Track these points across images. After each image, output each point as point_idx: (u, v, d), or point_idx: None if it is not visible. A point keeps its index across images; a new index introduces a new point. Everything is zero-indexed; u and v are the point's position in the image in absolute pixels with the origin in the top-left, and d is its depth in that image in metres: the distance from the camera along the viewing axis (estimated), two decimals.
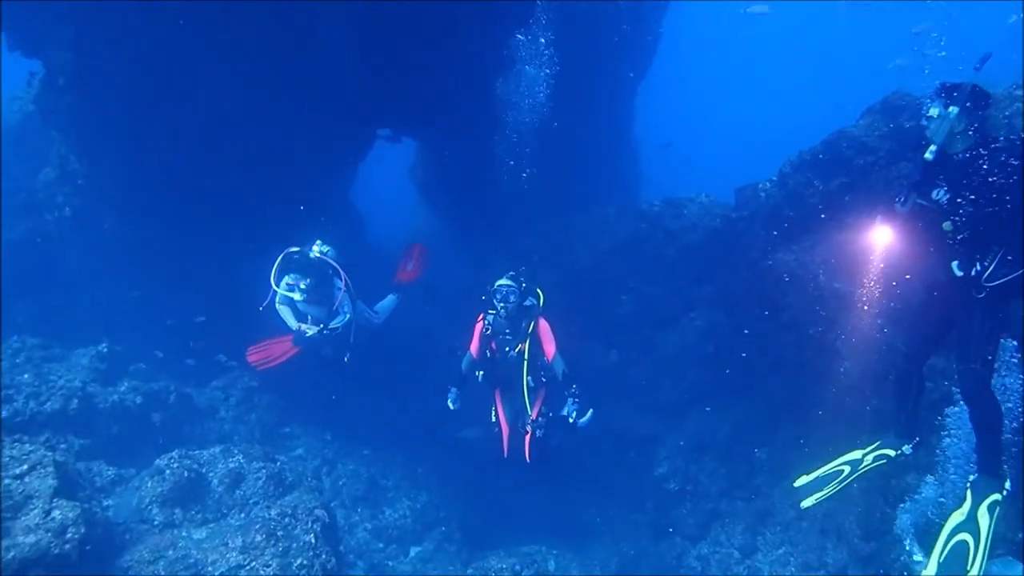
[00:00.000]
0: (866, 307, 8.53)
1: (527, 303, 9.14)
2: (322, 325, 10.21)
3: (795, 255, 10.72)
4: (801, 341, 10.44)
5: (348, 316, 10.35)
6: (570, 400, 8.89)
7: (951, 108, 5.68)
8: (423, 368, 13.18)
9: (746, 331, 11.49)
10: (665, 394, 12.74)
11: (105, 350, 12.42)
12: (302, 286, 9.91)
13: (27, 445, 8.48)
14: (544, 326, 9.17)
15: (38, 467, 8.21)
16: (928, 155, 5.71)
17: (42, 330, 13.33)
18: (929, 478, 7.14)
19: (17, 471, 8.12)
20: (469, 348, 9.38)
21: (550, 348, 9.08)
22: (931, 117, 5.78)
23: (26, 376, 10.93)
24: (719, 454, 11.77)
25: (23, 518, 7.85)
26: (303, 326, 10.24)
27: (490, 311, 9.15)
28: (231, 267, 11.92)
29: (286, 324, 10.39)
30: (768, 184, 12.10)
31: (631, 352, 13.10)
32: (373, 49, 11.45)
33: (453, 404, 9.31)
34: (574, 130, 15.39)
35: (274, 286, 9.87)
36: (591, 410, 9.06)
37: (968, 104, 5.65)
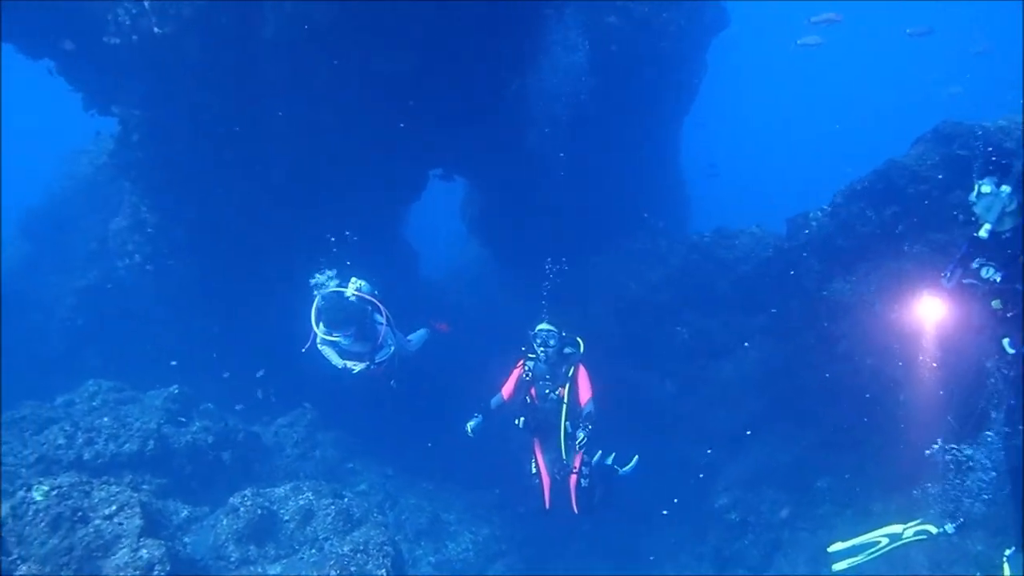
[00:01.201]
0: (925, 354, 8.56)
1: (567, 350, 9.11)
2: (368, 362, 10.24)
3: (850, 285, 10.82)
4: (858, 370, 10.50)
5: (392, 348, 10.42)
6: (581, 436, 8.78)
7: (1003, 188, 5.73)
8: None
9: (802, 360, 11.56)
10: (722, 424, 12.81)
11: (176, 391, 12.87)
12: (342, 334, 9.90)
13: (114, 487, 8.86)
14: (583, 373, 9.10)
15: (125, 508, 8.59)
16: (982, 233, 5.75)
17: (112, 373, 13.91)
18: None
19: (107, 512, 8.51)
20: (501, 390, 9.32)
21: (585, 394, 8.99)
22: (982, 194, 5.82)
23: (105, 419, 11.40)
24: (780, 484, 11.80)
25: (113, 557, 8.23)
26: (348, 363, 10.29)
27: (530, 356, 9.10)
28: (289, 307, 12.23)
29: (331, 364, 10.43)
30: (819, 213, 12.21)
31: (687, 382, 13.21)
32: (428, 92, 11.81)
33: (473, 431, 9.15)
34: (621, 159, 15.74)
35: (314, 327, 9.91)
36: (636, 456, 9.13)
37: (1019, 183, 5.70)
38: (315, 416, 13.88)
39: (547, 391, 9.07)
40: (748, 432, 12.26)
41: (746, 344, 12.75)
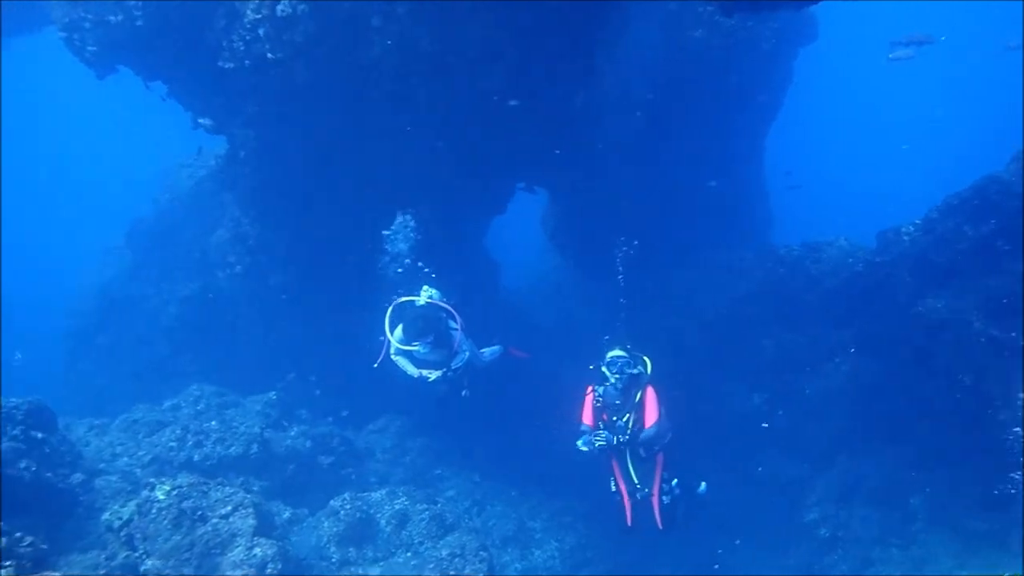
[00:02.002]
0: None
1: (635, 371, 9.08)
2: (445, 368, 10.24)
3: (945, 301, 10.71)
4: (953, 388, 10.40)
5: (468, 354, 10.43)
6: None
7: None
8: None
9: (895, 376, 11.48)
10: (811, 438, 12.77)
11: (274, 397, 13.47)
12: (418, 341, 9.89)
13: (228, 488, 9.38)
14: (651, 396, 9.02)
15: (240, 508, 9.07)
16: None
17: (211, 377, 14.57)
18: None
19: (223, 511, 9.01)
20: (581, 418, 9.30)
21: (651, 418, 8.93)
22: None
23: (213, 423, 12.02)
24: (871, 500, 11.73)
25: (230, 554, 8.71)
26: (424, 372, 10.29)
27: (602, 384, 9.07)
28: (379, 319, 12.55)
29: (406, 374, 10.46)
30: (911, 228, 12.11)
31: (774, 396, 13.21)
32: (517, 107, 12.10)
33: (591, 446, 9.15)
34: (703, 171, 15.79)
35: (389, 336, 9.96)
36: (703, 483, 9.25)
37: None
38: (404, 423, 14.26)
39: (615, 418, 9.05)
40: (838, 447, 12.21)
41: (836, 359, 12.68)
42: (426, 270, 11.22)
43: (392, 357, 10.38)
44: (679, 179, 15.71)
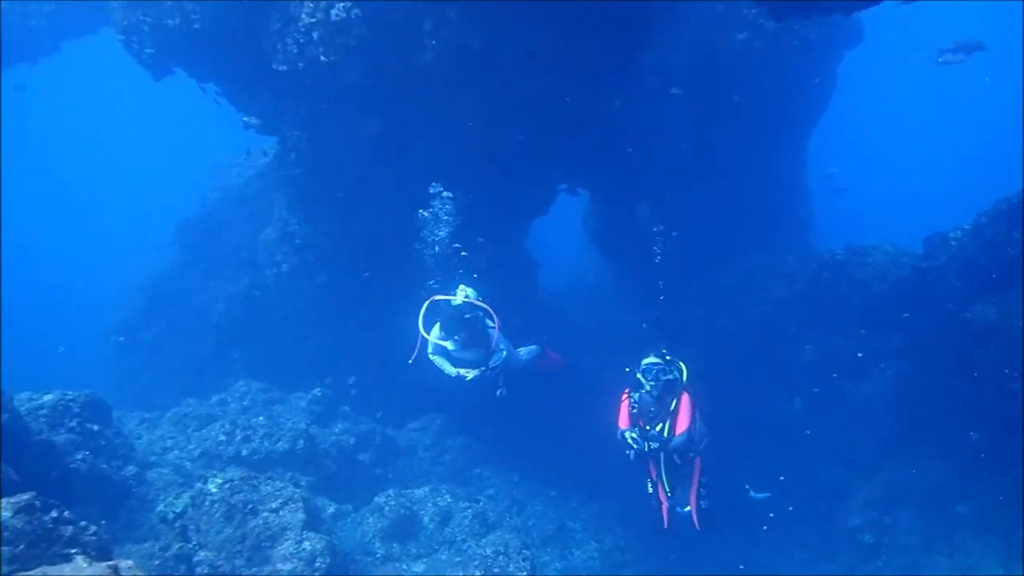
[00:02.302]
0: None
1: (671, 377, 8.99)
2: (484, 367, 10.23)
3: (995, 307, 10.60)
4: (1004, 394, 10.29)
5: (505, 353, 10.42)
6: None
7: None
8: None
9: (942, 382, 11.39)
10: (854, 444, 12.69)
11: (319, 394, 13.67)
12: (456, 338, 10.00)
13: (278, 482, 9.55)
14: (685, 404, 8.96)
15: (289, 502, 9.24)
16: None
17: (256, 373, 14.83)
18: None
19: (273, 505, 9.19)
20: (619, 424, 9.24)
21: (682, 424, 8.88)
22: None
23: (260, 419, 12.23)
24: (916, 506, 11.64)
25: (280, 548, 8.88)
26: (461, 371, 10.31)
27: (637, 390, 9.04)
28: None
29: (443, 373, 10.47)
30: (959, 233, 12.00)
31: (816, 401, 13.14)
32: (562, 108, 12.17)
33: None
34: (746, 174, 15.75)
35: (424, 333, 9.99)
36: (768, 494, 9.26)
37: None
38: (444, 422, 14.39)
39: (648, 427, 9.01)
40: (882, 453, 12.14)
41: (881, 365, 12.60)
42: (463, 253, 11.27)
43: (430, 356, 10.42)
44: (721, 181, 15.67)
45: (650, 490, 9.39)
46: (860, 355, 12.82)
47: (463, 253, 11.60)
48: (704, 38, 14.70)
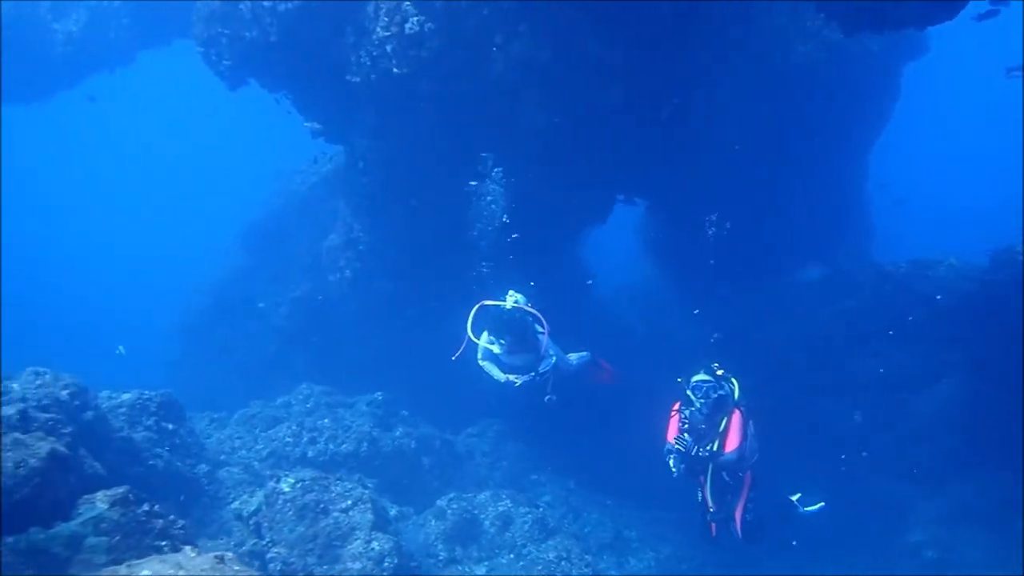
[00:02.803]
0: None
1: (723, 392, 8.93)
2: (533, 372, 10.33)
3: None
4: None
5: (554, 358, 10.48)
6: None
7: None
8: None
9: (1007, 397, 11.23)
10: (916, 459, 12.55)
11: (380, 398, 13.92)
12: (501, 342, 10.11)
13: (348, 483, 9.81)
14: (736, 423, 8.90)
15: (359, 503, 9.49)
16: None
17: (317, 376, 15.13)
18: None
19: (343, 505, 9.44)
20: (667, 437, 9.19)
21: (731, 445, 8.82)
22: None
23: (326, 421, 12.54)
24: (981, 523, 11.47)
25: (349, 547, 9.12)
26: (511, 377, 10.39)
27: (688, 406, 8.98)
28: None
29: (493, 379, 10.60)
30: None
31: (877, 415, 13.03)
32: (624, 121, 12.30)
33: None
34: (802, 184, 15.68)
35: (473, 338, 10.09)
36: (822, 503, 9.26)
37: None
38: (501, 428, 14.56)
39: (696, 448, 8.93)
40: (945, 468, 12.00)
41: (945, 379, 12.46)
42: (514, 236, 11.33)
43: (479, 362, 10.58)
44: (782, 192, 15.63)
45: (699, 499, 9.41)
46: (924, 369, 12.69)
47: (514, 236, 11.71)
48: (766, 50, 14.71)
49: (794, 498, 10.02)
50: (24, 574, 5.93)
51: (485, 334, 10.19)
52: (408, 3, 9.78)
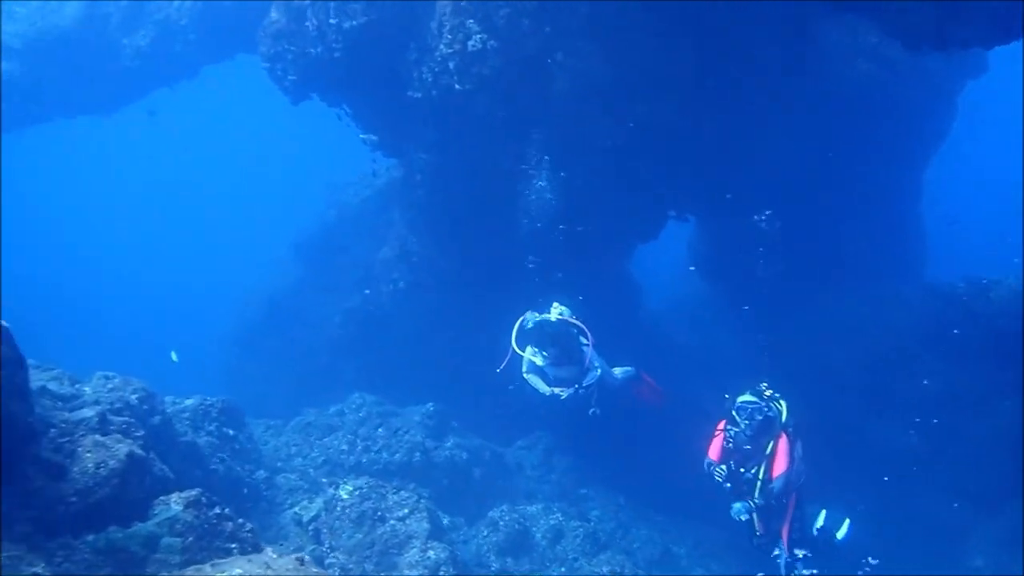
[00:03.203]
0: None
1: (769, 414, 8.85)
2: (577, 385, 10.25)
3: None
4: None
5: (600, 371, 10.42)
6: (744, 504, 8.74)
7: None
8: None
9: None
10: (974, 481, 12.36)
11: (432, 408, 14.06)
12: (545, 353, 10.07)
13: (404, 492, 9.97)
14: (783, 446, 8.79)
15: (415, 511, 9.64)
16: None
17: (367, 386, 15.32)
18: None
19: (400, 514, 9.59)
20: (709, 452, 9.21)
21: (778, 469, 8.73)
22: None
23: (380, 430, 12.72)
24: None
25: (406, 555, 9.25)
26: (556, 390, 10.31)
27: (732, 427, 8.92)
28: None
29: (537, 392, 10.53)
30: None
31: (934, 437, 12.85)
32: (681, 136, 12.34)
33: (741, 515, 9.07)
34: (855, 200, 15.58)
35: (517, 349, 10.04)
36: (848, 520, 9.16)
37: None
38: (551, 441, 14.61)
39: (742, 470, 8.88)
40: (1005, 491, 11.80)
41: (1006, 402, 12.26)
42: (561, 226, 11.47)
43: (524, 375, 10.54)
44: (836, 209, 15.55)
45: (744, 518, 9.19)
46: (981, 389, 12.51)
47: (561, 226, 11.74)
48: (823, 68, 14.68)
49: (818, 524, 9.81)
50: (103, 571, 6.14)
51: (530, 347, 10.19)
52: (472, 21, 9.98)
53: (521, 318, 10.15)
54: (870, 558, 9.70)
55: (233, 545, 7.08)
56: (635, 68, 10.60)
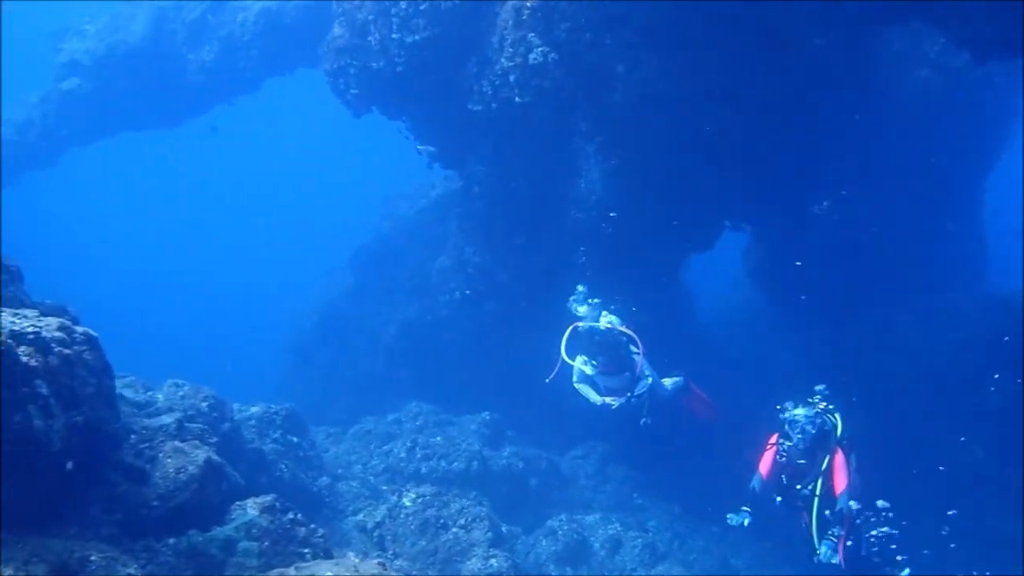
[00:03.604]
0: None
1: (824, 428, 8.68)
2: (629, 393, 10.19)
3: None
4: None
5: (651, 379, 10.34)
6: (828, 544, 8.46)
7: None
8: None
9: None
10: None
11: (488, 418, 14.17)
12: (594, 362, 10.03)
13: (465, 500, 10.08)
14: (839, 461, 8.62)
15: (477, 520, 9.74)
16: None
17: (422, 395, 15.48)
18: None
19: (462, 522, 9.70)
20: (759, 467, 9.10)
21: (840, 484, 8.55)
22: None
23: (438, 439, 12.86)
24: None
25: (468, 563, 9.35)
26: (606, 399, 10.27)
27: (784, 441, 8.78)
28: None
29: (588, 401, 10.47)
30: None
31: (999, 450, 12.60)
32: (741, 149, 12.32)
33: (738, 522, 9.14)
34: (919, 212, 15.36)
35: (567, 359, 10.02)
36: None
37: None
38: (606, 450, 14.61)
39: (798, 487, 8.74)
40: None
41: None
42: (612, 214, 11.53)
43: (575, 385, 10.48)
44: (895, 219, 15.35)
45: (803, 525, 9.05)
46: None
47: (612, 214, 11.72)
48: (885, 76, 14.53)
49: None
50: (184, 574, 6.34)
51: (580, 356, 10.17)
52: (533, 35, 10.11)
53: (571, 327, 10.13)
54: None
55: (306, 550, 7.25)
56: (695, 79, 10.60)
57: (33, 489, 5.32)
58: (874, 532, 9.09)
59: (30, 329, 5.52)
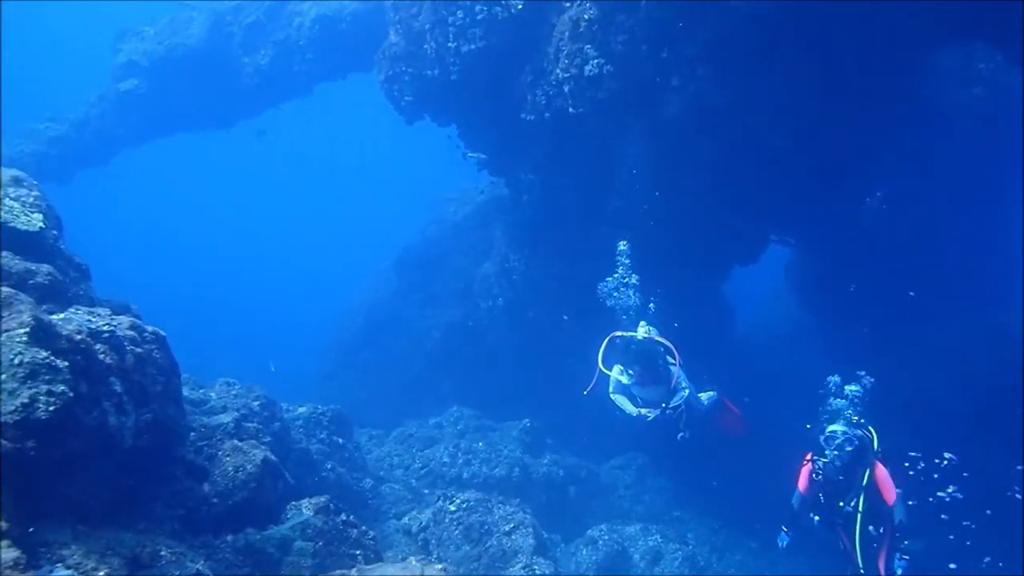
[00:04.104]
0: None
1: (858, 444, 8.47)
2: (664, 404, 10.01)
3: None
4: None
5: (688, 391, 10.18)
6: (897, 556, 8.30)
7: None
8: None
9: None
10: None
11: (528, 424, 14.23)
12: (630, 372, 9.82)
13: (508, 507, 10.13)
14: (881, 472, 8.43)
15: (520, 527, 9.79)
16: None
17: (462, 400, 15.60)
18: None
19: (506, 528, 9.75)
20: (798, 485, 8.91)
21: (890, 495, 8.35)
22: None
23: (480, 444, 12.95)
24: None
25: (511, 569, 9.40)
26: (643, 410, 10.09)
27: (819, 458, 8.59)
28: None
29: (624, 412, 10.30)
30: None
31: None
32: (791, 163, 12.28)
33: (781, 544, 8.99)
34: (961, 229, 15.15)
35: (603, 369, 9.86)
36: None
37: None
38: (644, 461, 14.60)
39: (839, 503, 8.56)
40: None
41: None
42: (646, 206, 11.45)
43: (611, 396, 10.35)
44: (938, 235, 15.17)
45: (842, 547, 8.91)
46: None
47: (646, 206, 11.70)
48: (931, 92, 14.37)
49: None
50: (243, 571, 6.48)
51: (616, 366, 10.05)
52: (590, 47, 10.16)
53: (608, 338, 10.02)
54: None
55: (357, 552, 7.38)
56: (748, 93, 10.58)
57: (105, 484, 5.49)
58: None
59: (105, 328, 5.69)
